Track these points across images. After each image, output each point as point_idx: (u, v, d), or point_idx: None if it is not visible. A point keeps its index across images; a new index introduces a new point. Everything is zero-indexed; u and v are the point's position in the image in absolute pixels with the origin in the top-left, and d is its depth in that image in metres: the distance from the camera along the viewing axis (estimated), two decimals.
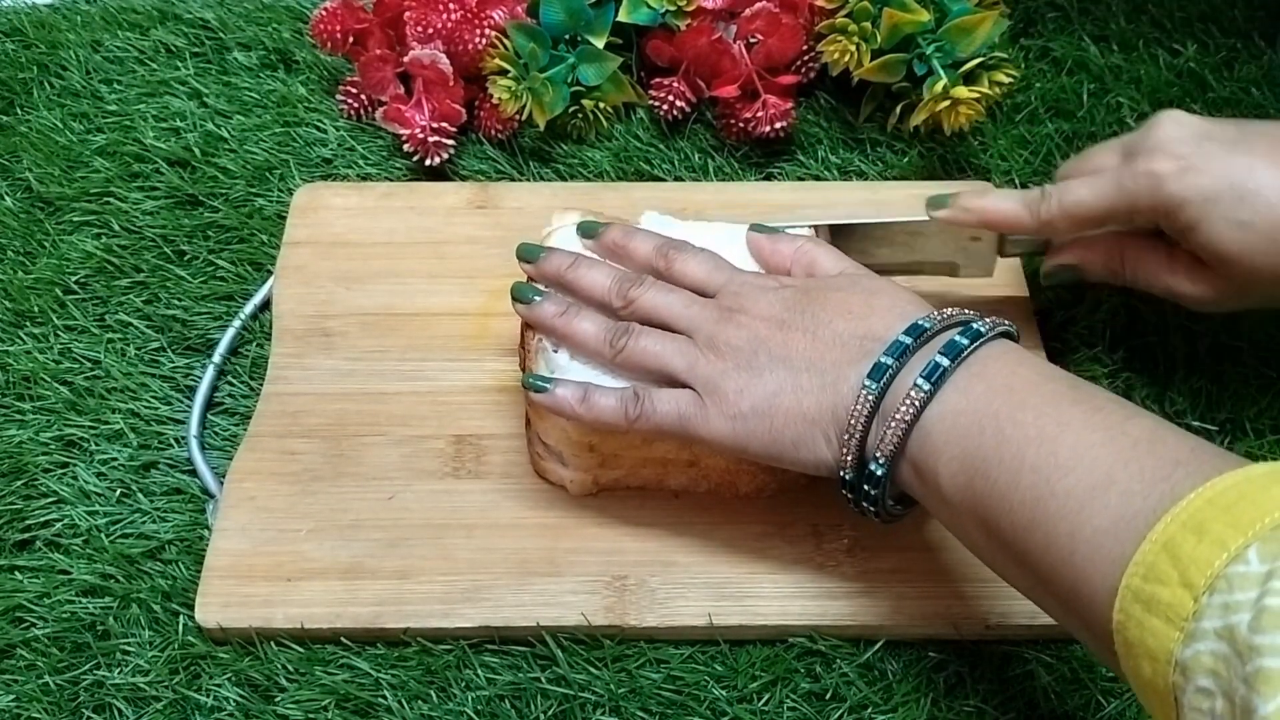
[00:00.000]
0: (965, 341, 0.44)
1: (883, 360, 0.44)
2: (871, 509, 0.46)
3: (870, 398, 0.44)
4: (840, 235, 0.59)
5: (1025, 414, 0.41)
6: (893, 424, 0.43)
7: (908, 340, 0.44)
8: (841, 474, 0.45)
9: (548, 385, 0.50)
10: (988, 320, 0.45)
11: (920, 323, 0.45)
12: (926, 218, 0.57)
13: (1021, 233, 0.56)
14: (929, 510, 0.45)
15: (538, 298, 0.52)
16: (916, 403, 0.43)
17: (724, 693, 0.50)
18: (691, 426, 0.47)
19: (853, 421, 0.44)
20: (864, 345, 0.45)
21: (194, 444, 0.58)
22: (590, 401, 0.49)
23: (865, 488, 0.45)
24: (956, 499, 0.42)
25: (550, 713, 0.49)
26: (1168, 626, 0.34)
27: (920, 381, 0.43)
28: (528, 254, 0.54)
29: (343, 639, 0.51)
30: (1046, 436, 0.40)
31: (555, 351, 0.52)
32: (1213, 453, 0.38)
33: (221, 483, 0.56)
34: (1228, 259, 0.50)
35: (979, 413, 0.42)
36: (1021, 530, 0.40)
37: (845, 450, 0.45)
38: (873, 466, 0.44)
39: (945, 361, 0.43)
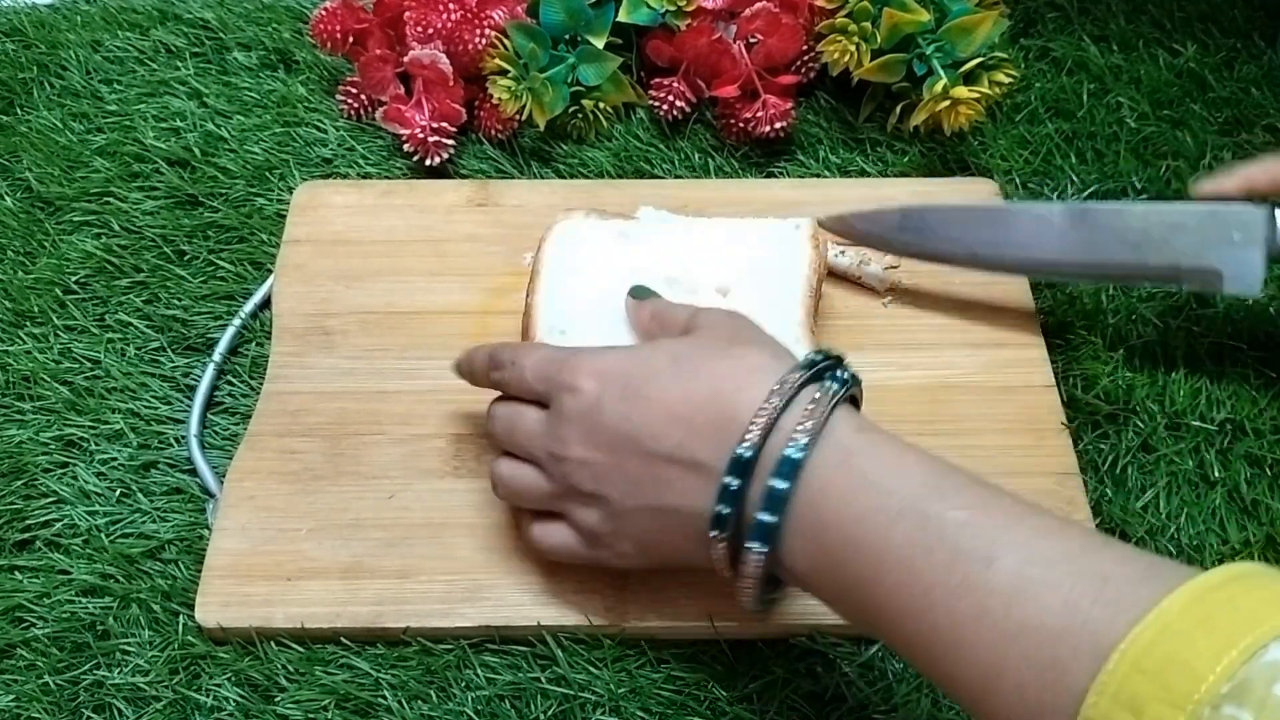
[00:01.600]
0: (783, 487, 0.40)
1: (720, 510, 0.42)
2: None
3: (722, 545, 0.43)
4: (1084, 222, 0.52)
5: (886, 581, 0.38)
6: (745, 582, 0.43)
7: (735, 483, 0.42)
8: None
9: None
10: (804, 425, 0.41)
11: (740, 453, 0.41)
12: (1184, 205, 0.52)
13: None
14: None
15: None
16: (758, 564, 0.42)
17: (724, 693, 0.50)
18: (589, 562, 0.49)
19: (718, 566, 0.44)
20: (696, 468, 0.43)
21: (194, 443, 0.58)
22: (530, 534, 0.50)
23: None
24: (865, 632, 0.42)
25: (550, 713, 0.49)
26: None
27: (753, 545, 0.41)
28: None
29: (343, 639, 0.51)
30: (919, 607, 0.37)
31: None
32: (1145, 563, 0.35)
33: (221, 482, 0.56)
34: None
35: (843, 577, 0.40)
36: (924, 664, 0.39)
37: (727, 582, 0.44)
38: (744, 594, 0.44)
39: (768, 519, 0.41)
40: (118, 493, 0.56)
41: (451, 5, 0.68)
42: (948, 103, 0.65)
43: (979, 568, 0.36)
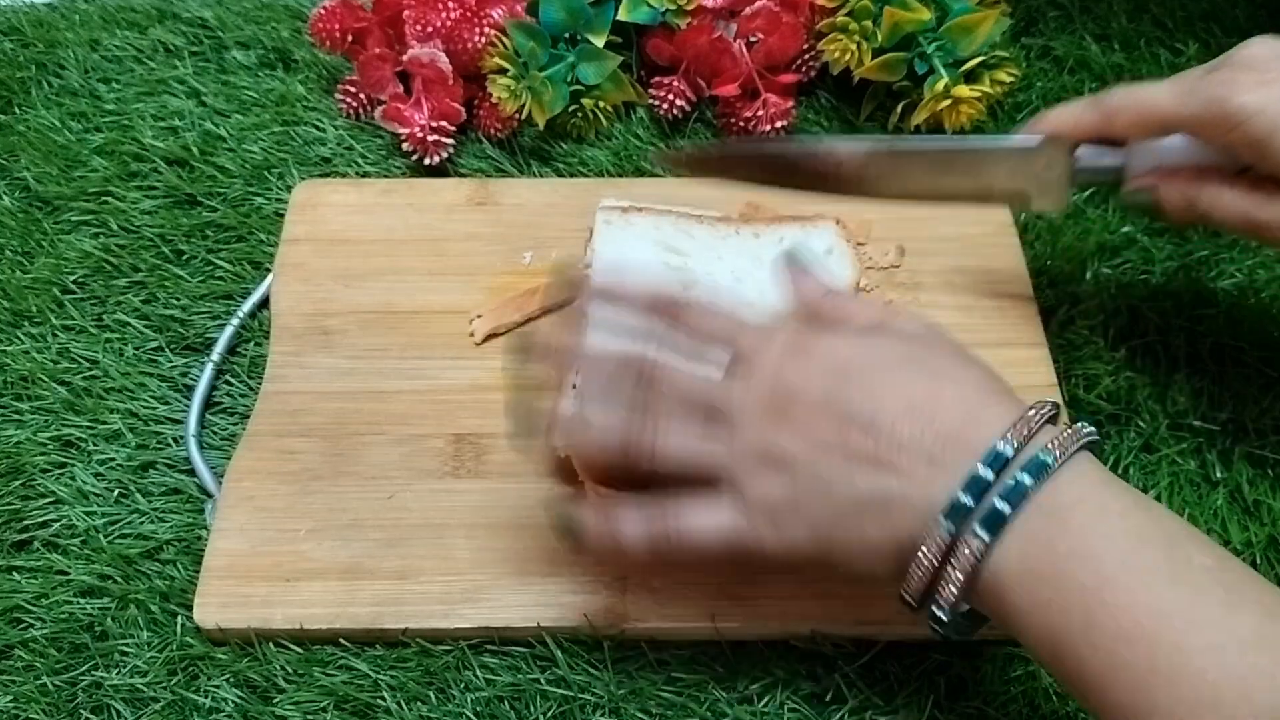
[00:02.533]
0: (1029, 482, 0.38)
1: (960, 500, 0.39)
2: (940, 632, 0.42)
3: (944, 539, 0.39)
4: (903, 162, 0.56)
5: (1115, 595, 0.36)
6: (952, 573, 0.39)
7: (988, 476, 0.39)
8: (904, 595, 0.41)
9: (575, 526, 0.46)
10: (1057, 444, 0.39)
11: (999, 449, 0.39)
12: (988, 146, 0.55)
13: (1086, 127, 0.53)
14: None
15: (527, 438, 0.47)
16: (976, 554, 0.39)
17: (725, 694, 0.50)
18: (738, 545, 0.43)
19: (923, 558, 0.40)
20: (933, 461, 0.40)
21: (192, 443, 0.57)
22: (617, 533, 0.44)
23: (930, 622, 0.41)
24: (1042, 657, 0.39)
25: (550, 714, 0.49)
26: None
27: (978, 528, 0.39)
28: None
29: (342, 640, 0.51)
30: (1142, 634, 0.36)
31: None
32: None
33: (220, 482, 0.56)
34: None
35: (1061, 583, 0.38)
36: (1118, 710, 0.36)
37: (910, 580, 0.41)
38: (935, 609, 0.41)
39: (1004, 507, 0.38)
40: (116, 493, 0.56)
41: (451, 4, 0.68)
42: (949, 102, 0.65)
43: (1219, 612, 0.35)
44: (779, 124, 0.68)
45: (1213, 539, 0.38)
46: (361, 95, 0.71)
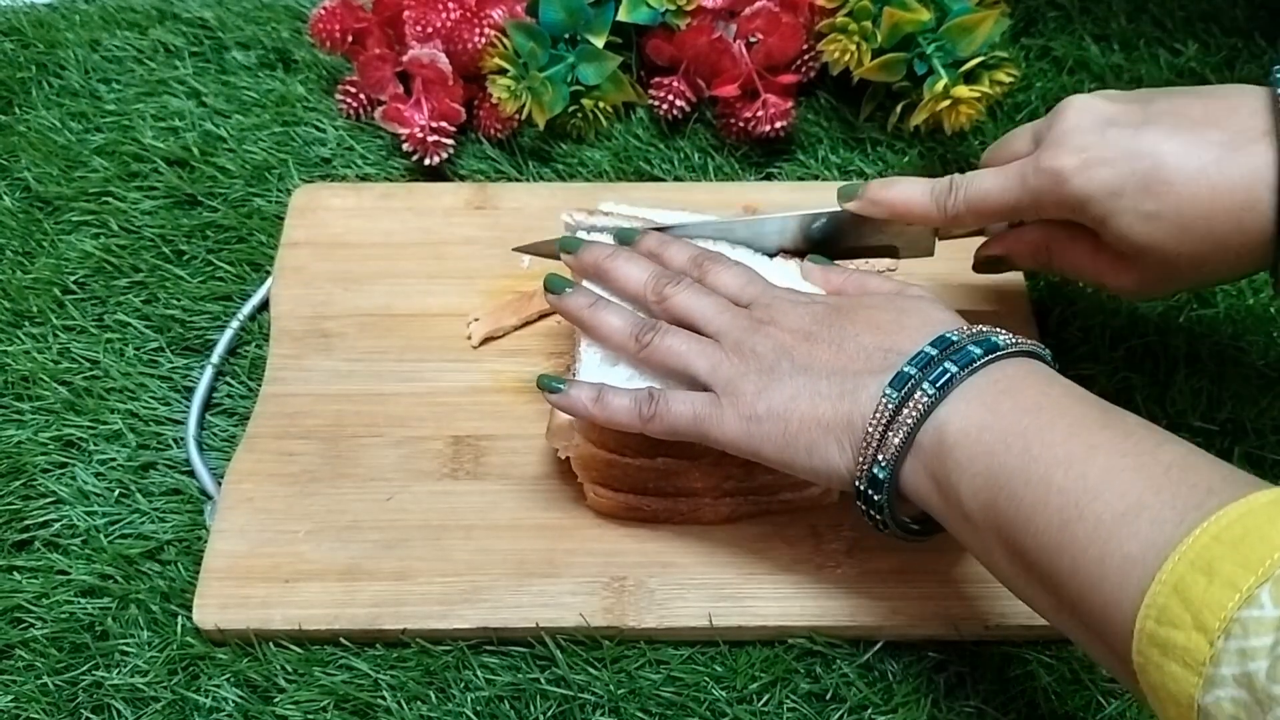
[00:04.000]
0: (979, 352, 0.43)
1: (905, 370, 0.44)
2: (880, 519, 0.45)
3: (890, 406, 0.43)
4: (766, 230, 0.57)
5: (1054, 434, 0.40)
6: (898, 428, 0.43)
7: (932, 351, 0.44)
8: (856, 484, 0.45)
9: (562, 385, 0.50)
10: (1012, 337, 0.45)
11: (948, 335, 0.45)
12: (834, 210, 0.56)
13: (930, 225, 0.55)
14: (950, 530, 0.44)
15: (569, 289, 0.52)
16: (921, 406, 0.42)
17: (724, 694, 0.50)
18: (705, 427, 0.47)
19: (870, 430, 0.44)
20: (887, 358, 0.45)
21: (192, 445, 0.58)
22: (604, 401, 0.49)
23: (871, 493, 0.44)
24: (979, 517, 0.41)
25: (550, 714, 0.49)
26: (1186, 671, 0.33)
27: (926, 386, 0.43)
28: (568, 245, 0.54)
29: (342, 640, 0.51)
30: (1075, 458, 0.39)
31: (584, 350, 0.52)
32: (1247, 481, 0.37)
33: (219, 484, 0.56)
34: (1142, 251, 0.48)
35: (1005, 430, 0.41)
36: (1047, 553, 0.39)
37: (861, 458, 0.44)
38: (876, 470, 0.44)
39: (953, 369, 0.43)
40: (116, 493, 0.56)
41: (451, 4, 0.68)
42: (948, 102, 0.65)
43: (1149, 448, 0.39)
44: (778, 124, 0.68)
45: None
46: (361, 96, 0.71)
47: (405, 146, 0.68)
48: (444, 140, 0.68)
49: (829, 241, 0.57)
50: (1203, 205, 0.47)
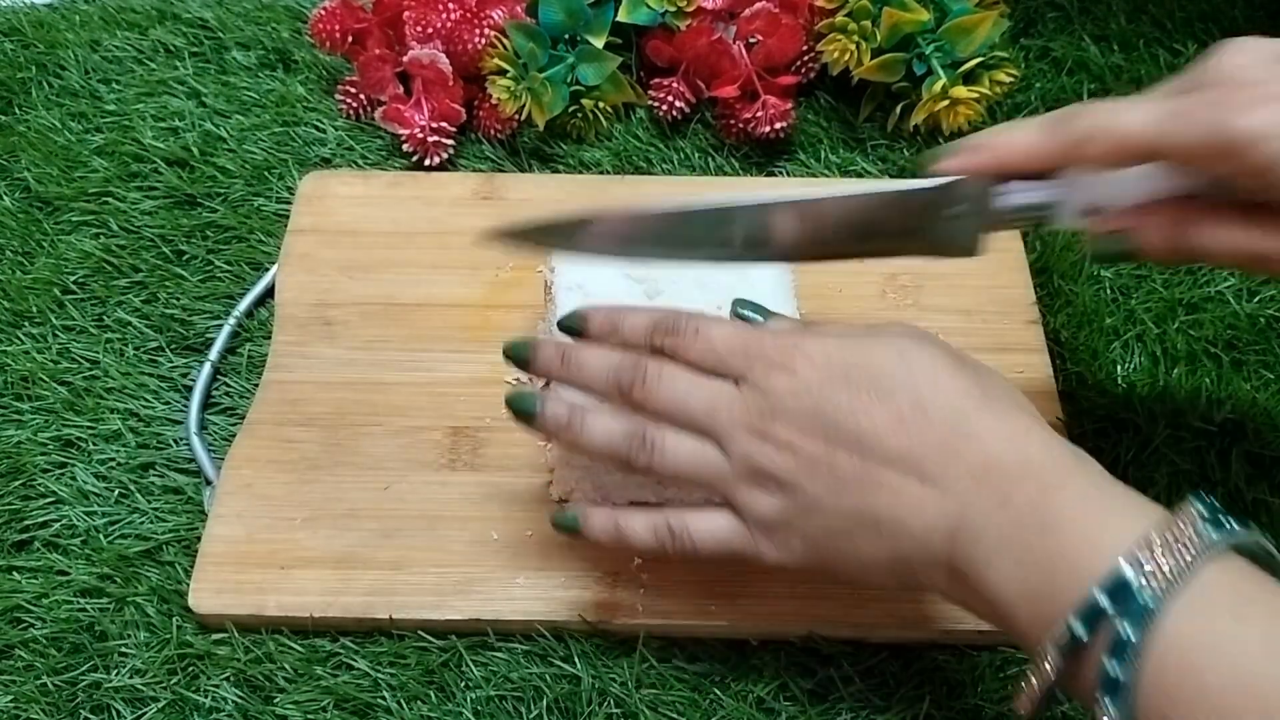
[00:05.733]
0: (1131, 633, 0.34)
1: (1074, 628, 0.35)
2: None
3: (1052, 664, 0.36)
4: (796, 216, 0.47)
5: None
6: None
7: (1083, 626, 0.35)
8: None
9: (576, 520, 0.47)
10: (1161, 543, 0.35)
11: (1123, 577, 0.35)
12: (887, 191, 0.47)
13: (1044, 157, 0.44)
14: None
15: (535, 409, 0.46)
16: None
17: (724, 690, 0.50)
18: (738, 552, 0.44)
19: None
20: (922, 482, 0.40)
21: (193, 433, 0.58)
22: (623, 531, 0.46)
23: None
24: None
25: (550, 710, 0.49)
26: None
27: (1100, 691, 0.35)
28: (515, 354, 0.48)
29: (338, 633, 0.51)
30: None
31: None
32: None
33: (219, 469, 0.56)
34: None
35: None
36: None
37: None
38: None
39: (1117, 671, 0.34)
40: (116, 493, 0.56)
41: (451, 5, 0.68)
42: (947, 102, 0.65)
43: (1230, 624, 0.33)
44: (778, 125, 0.68)
45: None
46: (361, 96, 0.71)
47: (405, 147, 0.69)
48: (444, 140, 0.68)
49: (858, 236, 0.48)
50: None
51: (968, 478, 0.39)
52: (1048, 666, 0.36)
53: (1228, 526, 0.36)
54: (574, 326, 0.48)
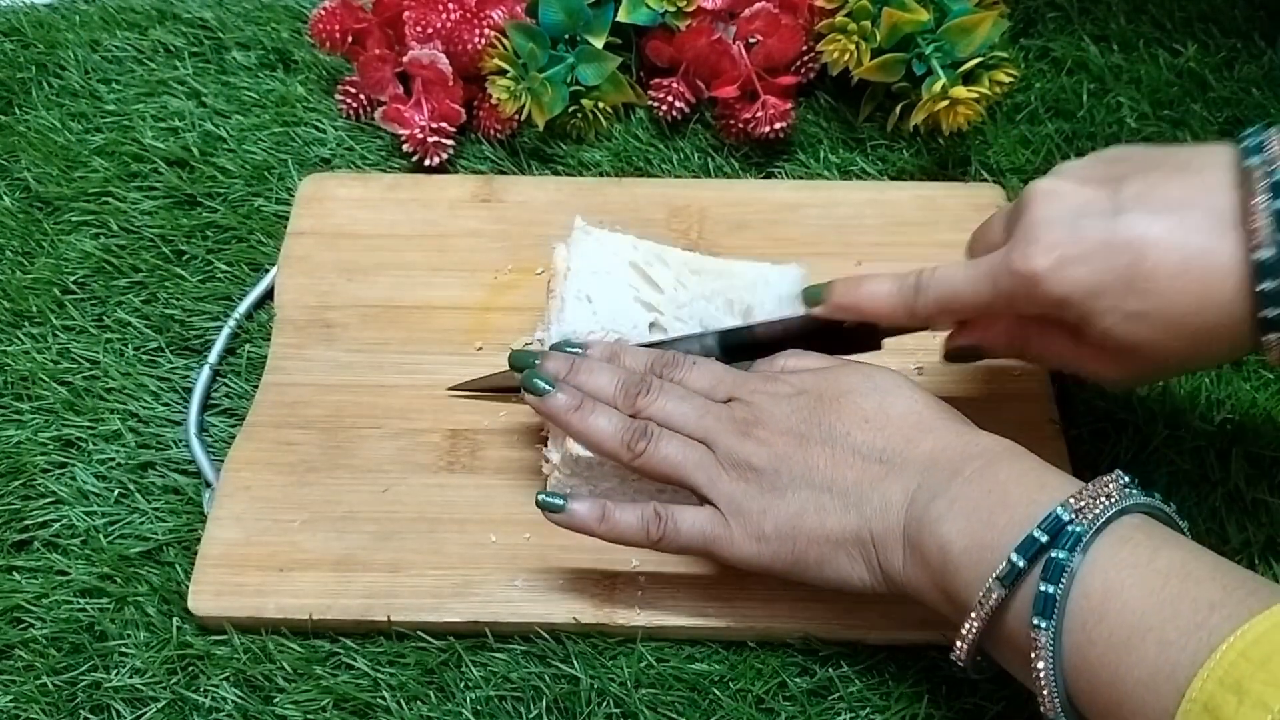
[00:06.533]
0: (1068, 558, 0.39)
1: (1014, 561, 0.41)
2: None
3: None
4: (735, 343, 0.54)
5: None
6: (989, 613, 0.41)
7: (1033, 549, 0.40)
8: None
9: (562, 503, 0.48)
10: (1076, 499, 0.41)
11: (1058, 513, 0.40)
12: (795, 316, 0.54)
13: (902, 326, 0.52)
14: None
15: (549, 388, 0.49)
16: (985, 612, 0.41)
17: (723, 689, 0.50)
18: (716, 548, 0.47)
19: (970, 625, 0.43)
20: (883, 463, 0.46)
21: (193, 432, 0.58)
22: (610, 520, 0.48)
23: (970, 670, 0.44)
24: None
25: (550, 710, 0.49)
26: None
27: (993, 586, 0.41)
28: (520, 363, 0.51)
29: (337, 634, 0.51)
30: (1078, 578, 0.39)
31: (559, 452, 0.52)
32: (1247, 587, 0.37)
33: (219, 471, 0.56)
34: (1128, 349, 0.45)
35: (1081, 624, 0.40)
36: (1066, 671, 0.39)
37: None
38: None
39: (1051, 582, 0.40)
40: (116, 493, 0.56)
41: (451, 5, 0.68)
42: (946, 102, 0.65)
43: (1146, 551, 0.39)
44: (778, 125, 0.68)
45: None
46: (361, 96, 0.71)
47: (405, 147, 0.69)
48: (444, 141, 0.68)
49: (818, 338, 0.54)
50: (1192, 299, 0.42)
51: (924, 458, 0.45)
52: (992, 598, 0.41)
53: (1142, 493, 0.42)
54: (576, 349, 0.52)
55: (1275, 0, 0.76)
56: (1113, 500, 0.40)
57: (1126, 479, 0.42)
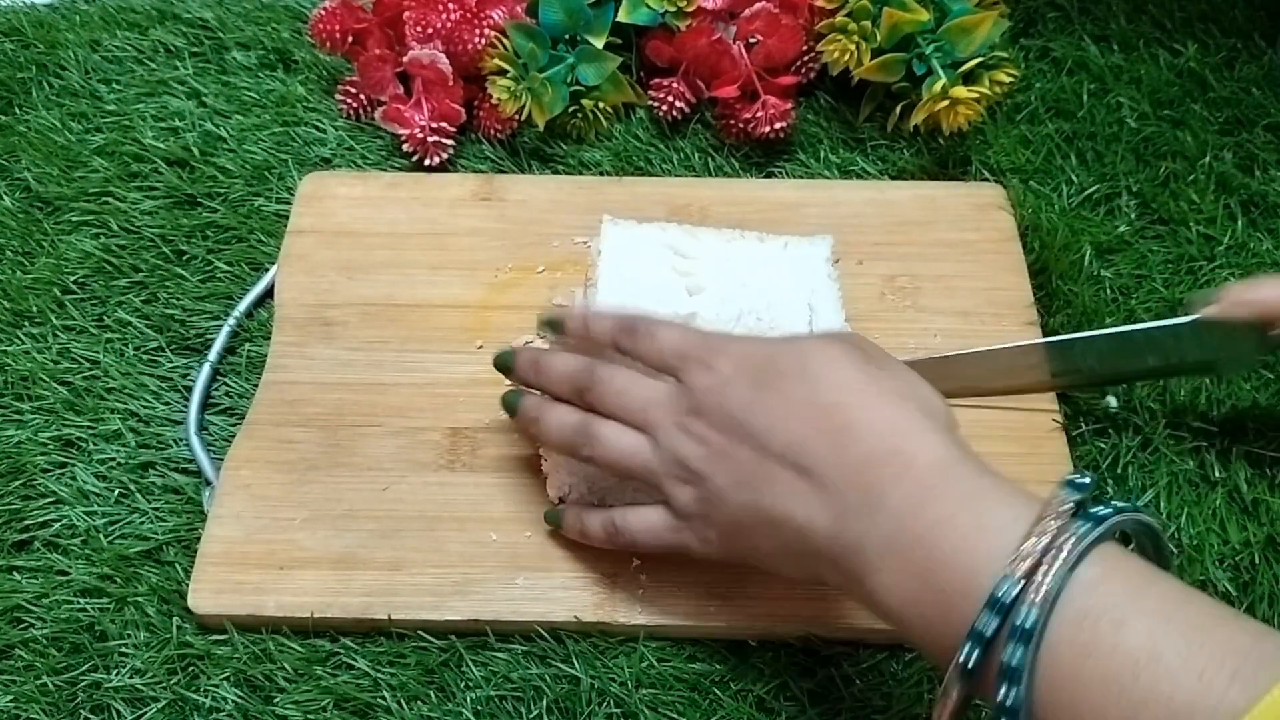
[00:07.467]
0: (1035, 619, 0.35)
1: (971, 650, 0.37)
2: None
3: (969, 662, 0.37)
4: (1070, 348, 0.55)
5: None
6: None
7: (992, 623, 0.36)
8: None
9: (557, 518, 0.53)
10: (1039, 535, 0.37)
11: (1005, 585, 0.36)
12: (1181, 320, 0.53)
13: None
14: None
15: (517, 400, 0.52)
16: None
17: (724, 690, 0.50)
18: (670, 544, 0.48)
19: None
20: (805, 475, 0.42)
21: (193, 431, 0.58)
22: (585, 526, 0.51)
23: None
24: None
25: (550, 710, 0.49)
26: None
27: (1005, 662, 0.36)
28: (501, 363, 0.53)
29: (338, 633, 0.51)
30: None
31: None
32: (1228, 668, 0.33)
33: (219, 470, 0.56)
34: None
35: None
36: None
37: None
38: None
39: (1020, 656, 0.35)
40: (116, 493, 0.56)
41: (451, 5, 0.68)
42: (946, 102, 0.65)
43: (1108, 629, 0.35)
44: (778, 125, 0.68)
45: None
46: (361, 96, 0.71)
47: (405, 147, 0.69)
48: (444, 141, 0.68)
49: (1142, 361, 0.54)
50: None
51: (847, 469, 0.41)
52: (953, 692, 0.37)
53: (1097, 516, 0.37)
54: (553, 323, 0.52)
55: (1275, 0, 0.76)
56: (1064, 554, 0.36)
57: (1075, 500, 0.37)
